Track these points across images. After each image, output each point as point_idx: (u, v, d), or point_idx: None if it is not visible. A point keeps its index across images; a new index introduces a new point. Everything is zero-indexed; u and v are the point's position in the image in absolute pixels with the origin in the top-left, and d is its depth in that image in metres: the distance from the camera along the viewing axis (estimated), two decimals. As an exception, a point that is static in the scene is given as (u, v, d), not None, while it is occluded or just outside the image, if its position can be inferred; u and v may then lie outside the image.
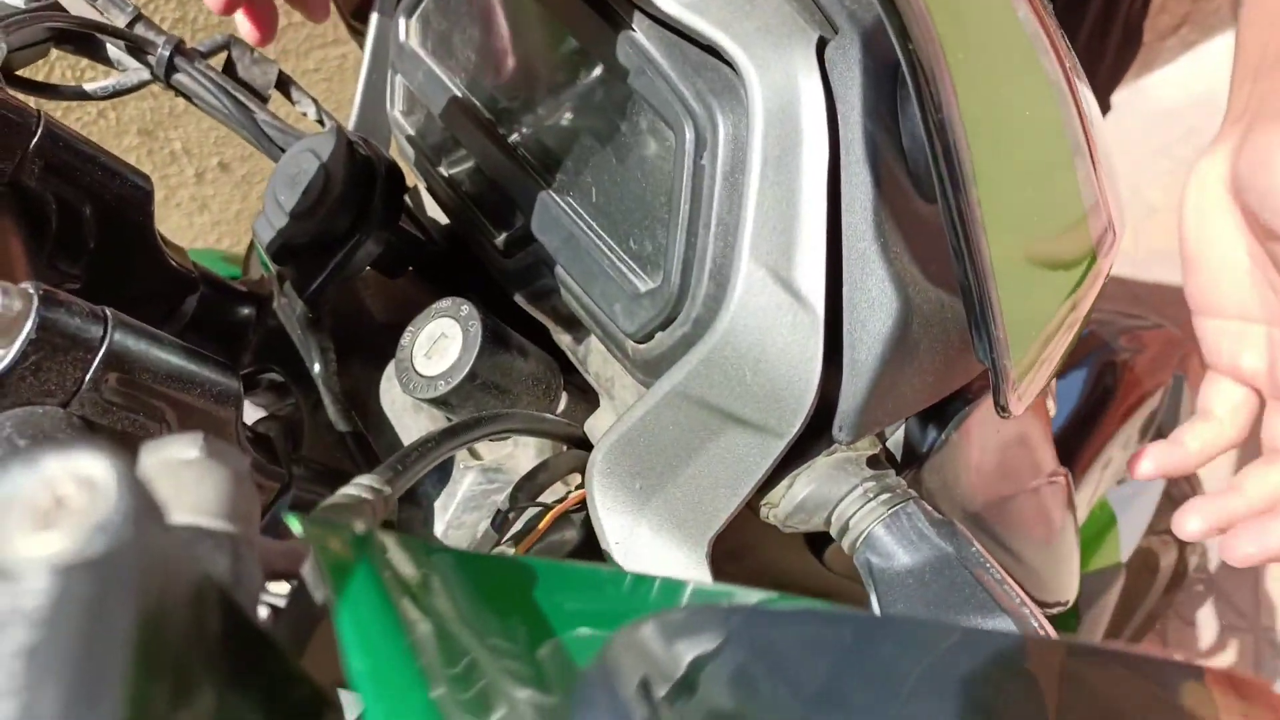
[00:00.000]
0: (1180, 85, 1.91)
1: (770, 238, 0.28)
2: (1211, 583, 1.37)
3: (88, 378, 0.25)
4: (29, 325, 0.24)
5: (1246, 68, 0.44)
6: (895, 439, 0.34)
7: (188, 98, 0.41)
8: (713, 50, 0.29)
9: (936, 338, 0.29)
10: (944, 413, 0.33)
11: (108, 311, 0.26)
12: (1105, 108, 0.85)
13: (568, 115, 0.34)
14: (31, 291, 0.25)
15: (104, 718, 0.08)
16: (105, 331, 0.25)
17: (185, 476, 0.16)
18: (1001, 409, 0.28)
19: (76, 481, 0.10)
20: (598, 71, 0.33)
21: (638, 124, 0.31)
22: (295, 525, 0.14)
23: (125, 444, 0.27)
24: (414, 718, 0.12)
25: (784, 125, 0.28)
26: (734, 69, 0.28)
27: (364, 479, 0.26)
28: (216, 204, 1.26)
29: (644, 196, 0.31)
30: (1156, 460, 0.41)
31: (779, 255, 0.28)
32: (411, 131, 0.41)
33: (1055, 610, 0.44)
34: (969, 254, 0.24)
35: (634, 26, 0.31)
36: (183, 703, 0.11)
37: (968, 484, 0.35)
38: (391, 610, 0.12)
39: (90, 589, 0.09)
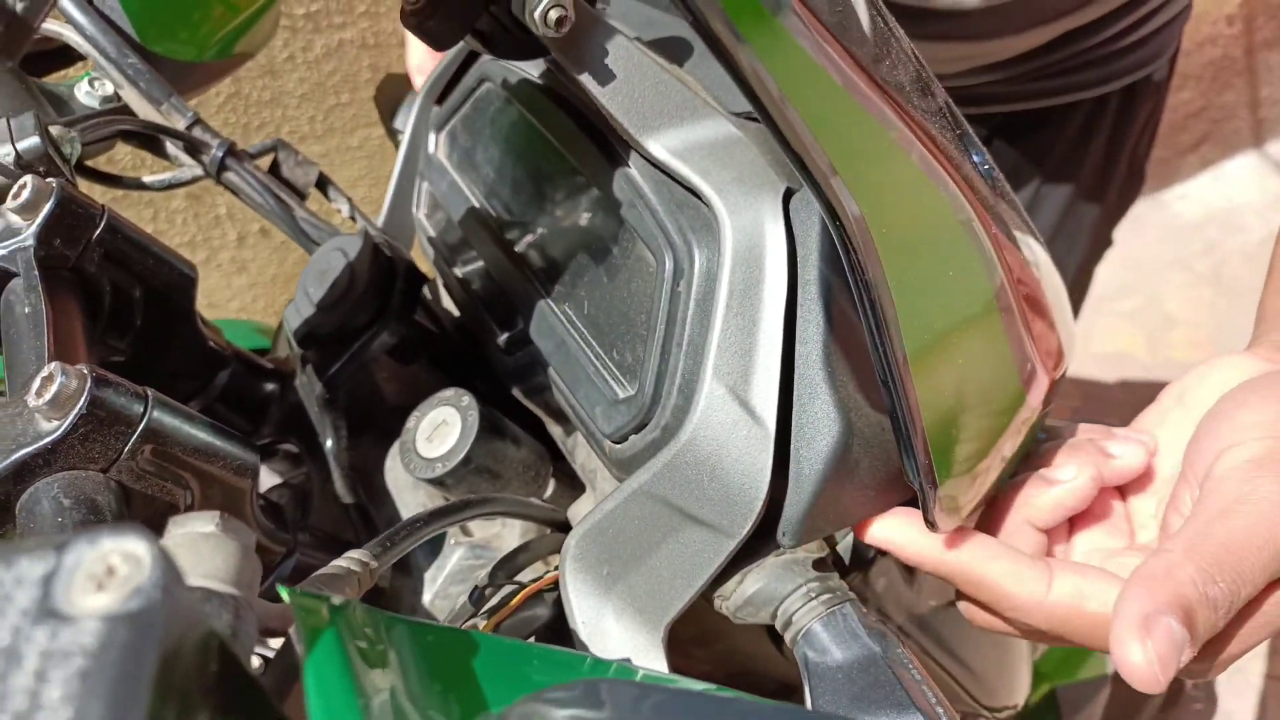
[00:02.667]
0: (1200, 201, 1.95)
1: (732, 360, 0.31)
2: (1212, 700, 1.36)
3: (126, 449, 0.29)
4: (81, 402, 0.28)
5: None
6: (846, 543, 0.37)
7: (235, 193, 0.46)
8: (695, 192, 0.33)
9: (877, 458, 0.32)
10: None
11: (149, 392, 0.30)
12: (1107, 243, 0.88)
13: (569, 234, 0.38)
14: (86, 373, 0.29)
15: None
16: (145, 410, 0.29)
17: (203, 548, 0.19)
18: (930, 524, 0.31)
19: (123, 556, 0.14)
20: (596, 198, 0.37)
21: (627, 249, 0.35)
22: (284, 594, 0.18)
23: (154, 507, 0.30)
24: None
25: (750, 263, 0.31)
26: (711, 210, 0.32)
27: (355, 553, 0.29)
28: (255, 267, 1.33)
29: (628, 313, 0.35)
30: None
31: (738, 376, 0.31)
32: (433, 233, 0.46)
33: (1004, 714, 0.46)
34: (895, 390, 0.28)
35: (629, 164, 0.36)
36: (185, 730, 0.14)
37: (912, 590, 0.38)
38: (349, 676, 0.15)
39: (127, 635, 0.13)
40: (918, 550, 0.33)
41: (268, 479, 0.46)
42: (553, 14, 0.30)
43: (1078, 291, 0.90)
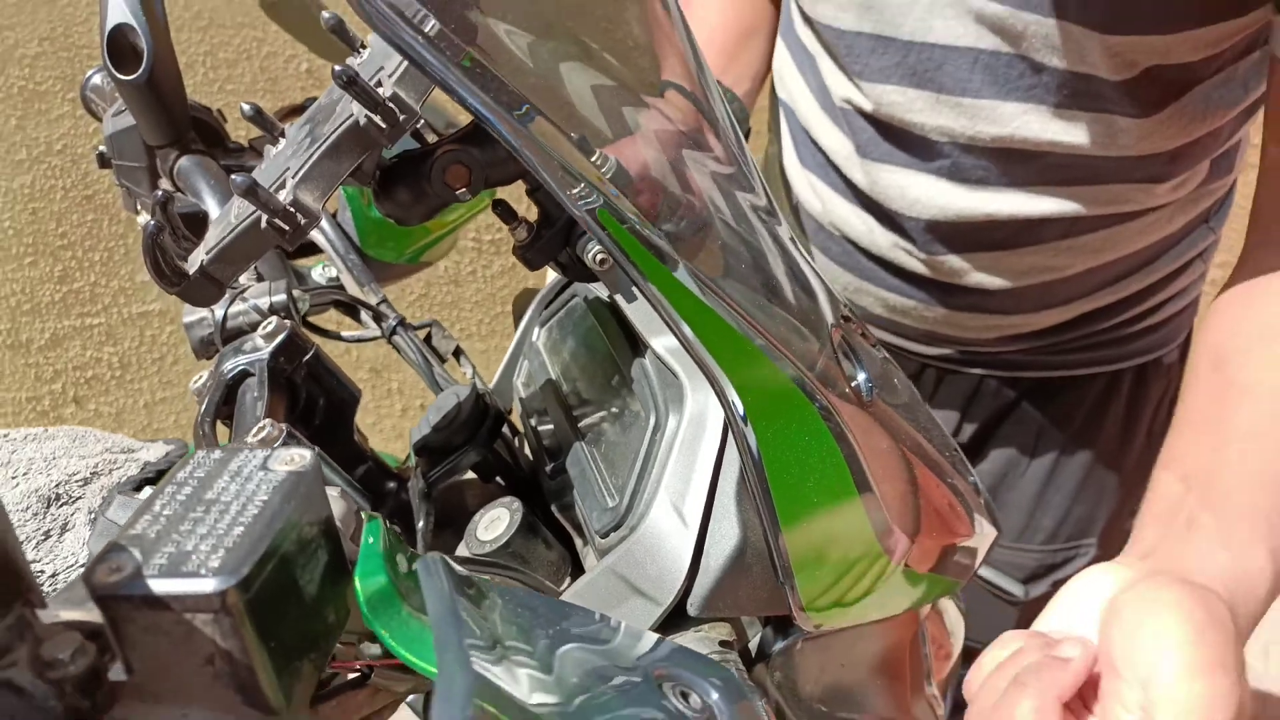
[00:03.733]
0: None
1: (676, 484, 0.47)
2: None
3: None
4: (279, 441, 0.47)
5: (1166, 497, 0.57)
6: (761, 636, 0.50)
7: (398, 351, 0.66)
8: (676, 375, 0.50)
9: (766, 567, 0.46)
10: (790, 627, 0.49)
11: (316, 449, 0.49)
12: (1130, 510, 0.97)
13: (606, 403, 0.56)
14: (284, 428, 0.48)
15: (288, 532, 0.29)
16: (312, 459, 0.48)
17: (333, 497, 0.37)
18: (795, 617, 0.45)
19: (299, 455, 0.31)
20: (624, 379, 0.55)
21: (635, 411, 0.53)
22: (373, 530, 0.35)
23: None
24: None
25: (698, 424, 0.48)
26: (683, 388, 0.50)
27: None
28: (401, 402, 1.57)
29: (625, 451, 0.52)
30: None
31: (679, 495, 0.47)
32: (523, 395, 0.65)
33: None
34: (767, 521, 0.43)
35: (645, 356, 0.54)
36: (301, 552, 0.31)
37: (814, 689, 0.51)
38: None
39: (297, 479, 0.30)
40: None
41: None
42: (599, 256, 0.49)
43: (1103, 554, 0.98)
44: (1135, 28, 0.63)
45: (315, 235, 0.69)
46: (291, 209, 0.44)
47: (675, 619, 0.47)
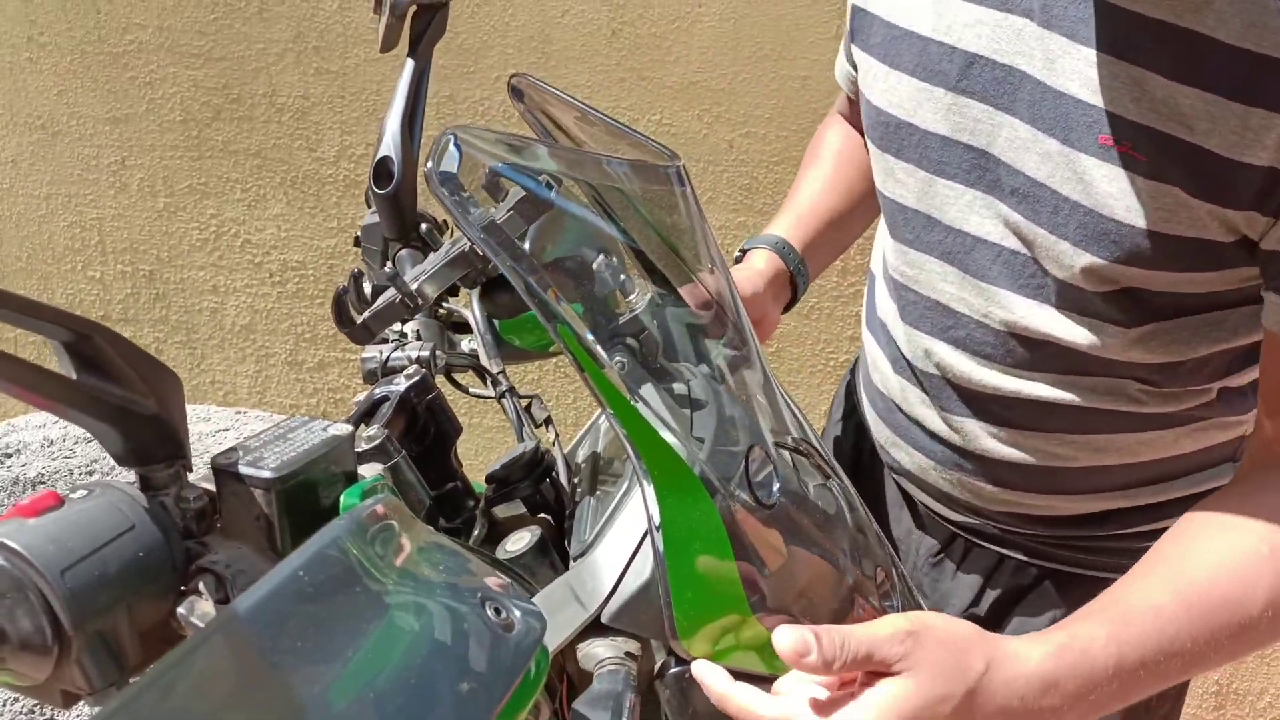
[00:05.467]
0: None
1: (620, 531, 0.67)
2: None
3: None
4: (378, 440, 0.71)
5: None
6: (663, 661, 0.67)
7: (503, 410, 0.90)
8: (651, 460, 0.70)
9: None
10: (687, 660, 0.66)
11: (404, 453, 0.72)
12: None
13: (614, 472, 0.76)
14: (385, 432, 0.72)
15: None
16: (394, 457, 0.72)
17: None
18: (672, 642, 0.63)
19: (339, 429, 0.54)
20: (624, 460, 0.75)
21: (623, 481, 0.73)
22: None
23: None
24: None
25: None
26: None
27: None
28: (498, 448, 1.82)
29: (608, 507, 0.72)
30: None
31: (620, 539, 0.66)
32: (578, 460, 0.86)
33: None
34: (658, 568, 0.62)
35: (643, 444, 0.73)
36: (323, 476, 0.54)
37: (700, 710, 0.67)
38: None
39: (333, 442, 0.54)
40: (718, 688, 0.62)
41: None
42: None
43: None
44: (1111, 256, 0.75)
45: (467, 315, 0.95)
46: (415, 294, 0.69)
47: (599, 626, 0.66)
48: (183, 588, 0.48)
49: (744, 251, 1.05)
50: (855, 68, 0.97)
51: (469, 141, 0.58)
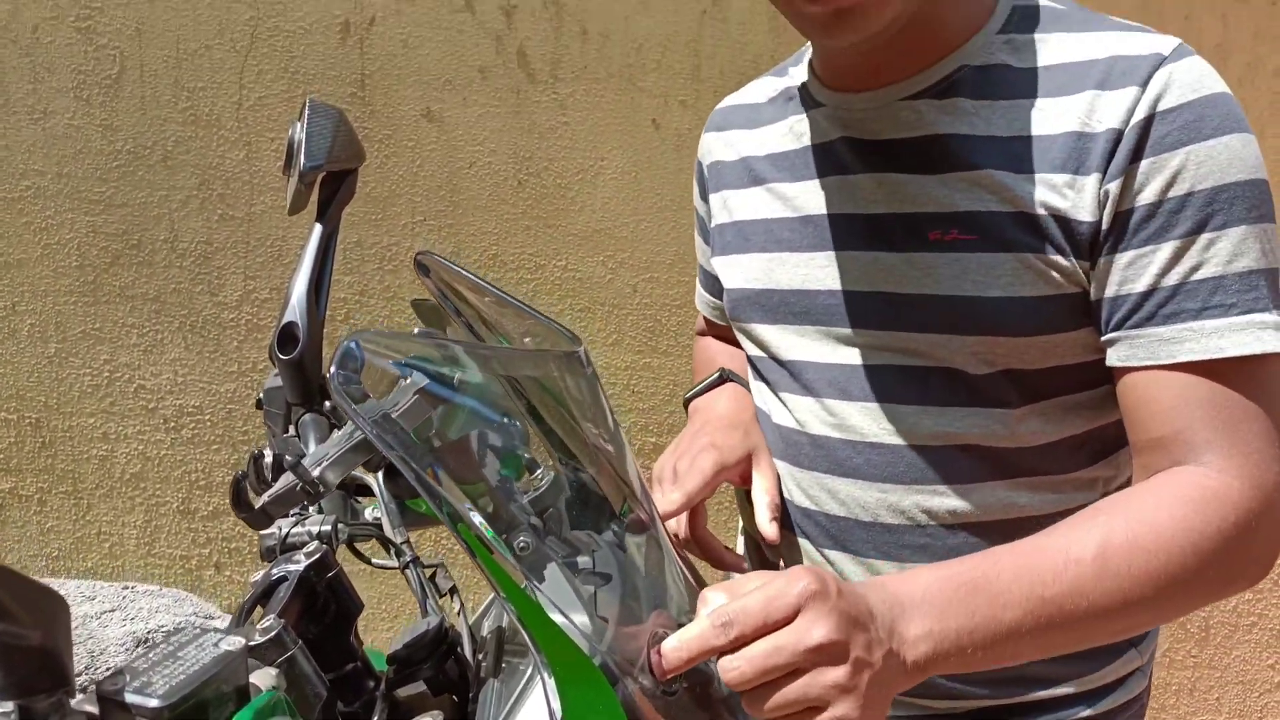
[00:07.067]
0: None
1: (526, 712, 0.66)
2: None
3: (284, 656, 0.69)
4: (274, 632, 0.69)
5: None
6: None
7: (407, 581, 0.88)
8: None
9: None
10: None
11: (300, 643, 0.71)
12: None
13: (518, 655, 0.76)
14: (281, 622, 0.70)
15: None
16: (289, 649, 0.70)
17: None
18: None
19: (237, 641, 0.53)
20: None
21: (525, 664, 0.72)
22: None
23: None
24: None
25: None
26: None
27: None
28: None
29: (513, 690, 0.71)
30: None
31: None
32: (483, 634, 0.85)
33: None
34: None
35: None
36: (215, 698, 0.52)
37: None
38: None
39: (226, 658, 0.52)
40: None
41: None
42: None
43: None
44: (985, 329, 0.82)
45: (370, 481, 0.94)
46: (317, 480, 0.69)
47: None
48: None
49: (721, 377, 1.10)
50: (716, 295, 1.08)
51: (370, 345, 0.59)
